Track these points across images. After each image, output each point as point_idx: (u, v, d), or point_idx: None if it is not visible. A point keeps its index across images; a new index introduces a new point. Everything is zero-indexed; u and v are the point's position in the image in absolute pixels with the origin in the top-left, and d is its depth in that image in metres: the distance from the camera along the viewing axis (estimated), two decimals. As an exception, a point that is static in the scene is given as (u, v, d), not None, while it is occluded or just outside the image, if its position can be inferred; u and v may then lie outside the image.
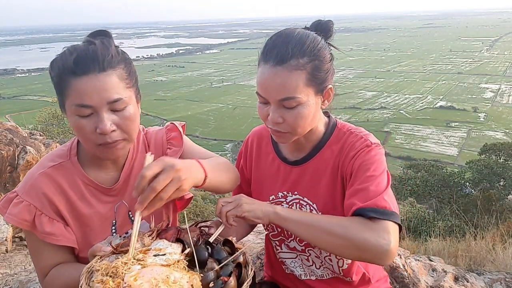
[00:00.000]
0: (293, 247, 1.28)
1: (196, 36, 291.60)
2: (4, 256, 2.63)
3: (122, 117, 1.02)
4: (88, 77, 0.97)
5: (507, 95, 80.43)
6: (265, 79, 1.05)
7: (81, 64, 0.97)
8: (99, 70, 0.98)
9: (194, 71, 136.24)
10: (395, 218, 1.00)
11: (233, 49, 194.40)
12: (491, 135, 57.17)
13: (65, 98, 1.00)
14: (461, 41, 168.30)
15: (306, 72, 1.03)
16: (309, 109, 1.06)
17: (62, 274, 1.09)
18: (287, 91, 1.02)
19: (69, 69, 0.97)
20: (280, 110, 1.05)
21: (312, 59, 1.04)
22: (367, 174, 1.07)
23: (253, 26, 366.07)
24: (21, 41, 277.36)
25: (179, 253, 0.94)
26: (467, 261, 2.86)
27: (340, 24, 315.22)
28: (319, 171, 1.19)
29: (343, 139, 1.17)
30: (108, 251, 0.94)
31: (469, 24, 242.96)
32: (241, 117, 75.48)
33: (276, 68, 1.02)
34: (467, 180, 10.46)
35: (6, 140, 3.63)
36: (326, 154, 1.18)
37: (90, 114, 0.99)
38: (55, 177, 1.09)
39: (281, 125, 1.07)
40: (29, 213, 1.06)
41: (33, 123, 11.60)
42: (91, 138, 1.01)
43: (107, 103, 0.99)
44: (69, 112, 1.01)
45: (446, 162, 40.99)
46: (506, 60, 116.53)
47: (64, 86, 0.99)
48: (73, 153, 1.14)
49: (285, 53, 1.02)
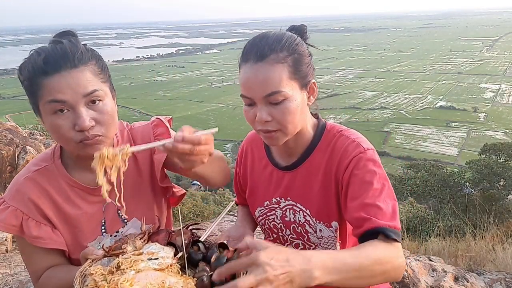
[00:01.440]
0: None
1: (196, 36, 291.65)
2: (4, 256, 2.64)
3: (100, 111, 1.00)
4: (60, 75, 0.95)
5: (507, 95, 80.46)
6: (247, 78, 1.03)
7: (51, 63, 0.95)
8: (71, 67, 0.96)
9: (194, 71, 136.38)
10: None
11: (233, 49, 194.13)
12: (491, 135, 57.17)
13: (38, 100, 0.98)
14: (461, 41, 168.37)
15: (288, 65, 1.03)
16: (296, 103, 1.04)
17: (54, 277, 1.09)
18: (271, 85, 1.01)
19: (39, 69, 0.95)
20: (267, 108, 1.04)
21: (291, 53, 1.04)
22: (374, 186, 1.03)
23: (253, 26, 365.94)
24: (21, 41, 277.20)
25: (172, 257, 0.94)
26: (467, 261, 2.86)
27: (340, 24, 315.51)
28: (310, 175, 1.17)
29: (333, 142, 1.15)
30: (100, 255, 0.94)
31: (469, 24, 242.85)
32: (241, 117, 75.00)
33: (257, 64, 1.02)
34: (467, 180, 10.45)
35: (6, 140, 3.63)
36: (317, 158, 1.16)
37: (66, 112, 0.97)
38: (40, 181, 1.09)
39: (269, 123, 1.05)
40: (16, 218, 1.06)
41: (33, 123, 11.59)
42: (69, 136, 0.98)
43: (83, 97, 0.97)
44: (43, 114, 0.99)
45: (446, 162, 40.99)
46: (506, 60, 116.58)
47: (36, 88, 0.96)
48: (56, 156, 1.13)
49: (263, 50, 1.03)
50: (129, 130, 1.24)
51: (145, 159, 1.23)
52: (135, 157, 1.21)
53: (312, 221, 1.18)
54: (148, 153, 1.23)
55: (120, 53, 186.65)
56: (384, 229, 0.97)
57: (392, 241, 0.97)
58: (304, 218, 1.19)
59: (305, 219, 1.19)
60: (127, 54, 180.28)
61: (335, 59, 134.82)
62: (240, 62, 1.08)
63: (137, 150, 0.96)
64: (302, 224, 1.20)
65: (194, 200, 11.02)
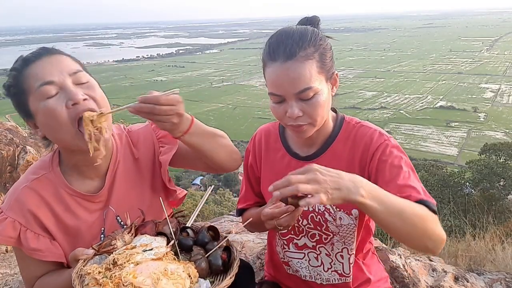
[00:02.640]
0: (302, 244, 1.26)
1: (196, 36, 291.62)
2: (4, 256, 2.64)
3: (89, 87, 1.02)
4: (41, 60, 0.99)
5: (507, 95, 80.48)
6: (278, 76, 1.05)
7: (32, 54, 1.01)
8: (50, 54, 1.02)
9: (194, 71, 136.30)
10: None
11: (233, 49, 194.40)
12: (491, 135, 57.21)
13: (28, 95, 0.99)
14: (461, 41, 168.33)
15: (316, 60, 1.05)
16: (324, 96, 1.07)
17: (47, 283, 1.09)
18: (303, 82, 1.03)
19: (22, 63, 1.00)
20: (298, 104, 1.06)
21: (317, 48, 1.07)
22: (403, 169, 1.08)
23: (253, 26, 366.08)
24: (21, 41, 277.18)
25: (165, 246, 0.95)
26: (467, 261, 2.86)
27: (340, 24, 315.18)
28: (332, 165, 1.14)
29: (354, 132, 1.19)
30: (91, 254, 0.93)
31: (469, 24, 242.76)
32: (241, 117, 75.52)
33: (287, 63, 1.03)
34: (467, 180, 10.47)
35: (6, 140, 3.63)
36: (338, 147, 1.19)
37: (56, 94, 0.97)
38: (39, 190, 1.07)
39: (300, 118, 1.07)
40: (14, 230, 1.04)
41: (33, 123, 11.61)
42: (65, 116, 0.97)
43: (69, 75, 0.99)
44: (35, 104, 0.99)
45: (446, 162, 40.98)
46: (506, 60, 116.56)
47: (22, 82, 0.99)
48: (55, 164, 1.11)
49: (292, 48, 1.04)
50: (127, 133, 1.23)
51: (148, 160, 1.22)
52: (134, 156, 1.21)
53: (332, 209, 1.18)
54: (152, 153, 1.22)
55: (120, 53, 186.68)
56: (425, 201, 1.02)
57: (433, 213, 1.01)
58: (324, 206, 1.19)
59: (324, 207, 1.19)
60: (127, 54, 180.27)
61: (335, 59, 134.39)
62: (266, 60, 1.09)
63: (115, 111, 1.03)
64: (322, 213, 1.19)
65: (194, 200, 11.02)
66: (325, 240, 1.23)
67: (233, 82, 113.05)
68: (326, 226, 1.20)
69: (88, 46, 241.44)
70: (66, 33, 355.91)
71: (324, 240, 1.23)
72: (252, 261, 2.17)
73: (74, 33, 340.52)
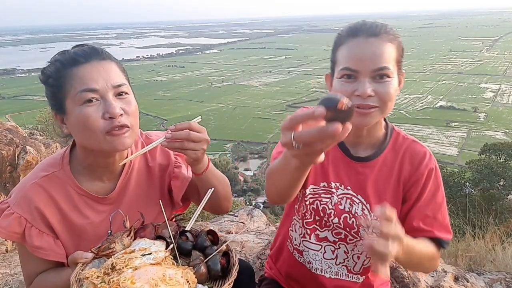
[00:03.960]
0: (323, 237, 1.25)
1: (196, 36, 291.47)
2: (4, 256, 2.63)
3: (127, 103, 1.03)
4: (91, 64, 0.99)
5: (507, 95, 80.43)
6: (359, 49, 1.04)
7: (82, 54, 1.00)
8: (100, 58, 1.01)
9: (194, 71, 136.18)
10: None
11: (233, 49, 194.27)
12: (491, 135, 57.16)
13: (66, 93, 0.99)
14: (461, 41, 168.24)
15: (395, 47, 1.07)
16: (395, 86, 1.06)
17: (45, 281, 1.09)
18: (383, 60, 1.03)
19: (69, 60, 0.99)
20: (371, 83, 1.04)
21: (396, 38, 1.08)
22: (437, 200, 1.15)
23: (253, 26, 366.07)
24: (21, 41, 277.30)
25: (164, 250, 0.94)
26: (467, 261, 2.86)
27: (340, 24, 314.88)
28: (382, 173, 1.19)
29: (405, 146, 1.19)
30: (90, 257, 0.93)
31: (469, 24, 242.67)
32: (241, 117, 75.46)
33: (371, 38, 1.04)
34: (467, 180, 10.47)
35: (6, 140, 3.63)
36: (389, 157, 1.18)
37: (95, 102, 0.98)
38: (47, 188, 1.07)
39: (371, 99, 1.04)
40: (20, 226, 1.05)
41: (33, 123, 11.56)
42: (98, 126, 0.98)
43: (113, 87, 1.00)
44: (72, 104, 0.99)
45: (446, 162, 41.00)
46: (506, 60, 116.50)
47: (65, 80, 0.98)
48: (65, 162, 1.11)
49: (376, 28, 1.06)
50: (144, 139, 1.23)
51: (161, 170, 1.23)
52: (148, 164, 1.21)
53: (369, 216, 1.17)
54: (166, 164, 1.23)
55: (120, 53, 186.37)
56: (441, 240, 1.13)
57: (441, 248, 1.15)
58: (362, 211, 1.18)
59: (362, 212, 1.18)
60: (127, 54, 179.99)
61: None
62: (345, 38, 1.09)
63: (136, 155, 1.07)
64: (358, 217, 1.18)
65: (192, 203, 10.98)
66: (349, 241, 1.22)
67: (233, 82, 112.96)
68: (357, 230, 1.19)
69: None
70: (66, 33, 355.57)
71: (349, 240, 1.22)
72: (252, 261, 2.17)
73: (74, 33, 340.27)
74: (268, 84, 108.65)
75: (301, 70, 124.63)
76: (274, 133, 60.90)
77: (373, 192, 1.18)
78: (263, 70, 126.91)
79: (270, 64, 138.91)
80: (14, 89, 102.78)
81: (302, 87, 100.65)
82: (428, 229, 1.11)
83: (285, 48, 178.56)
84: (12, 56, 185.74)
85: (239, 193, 34.79)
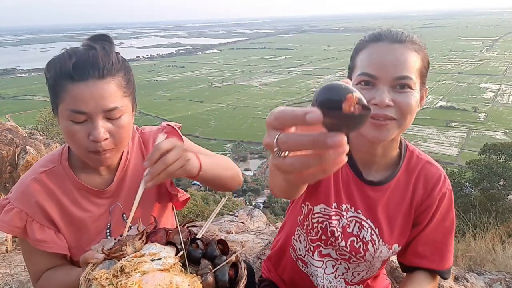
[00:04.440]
0: (326, 253, 1.21)
1: (196, 36, 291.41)
2: (4, 256, 2.63)
3: (116, 125, 1.01)
4: (86, 84, 0.95)
5: (507, 95, 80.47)
6: (381, 54, 0.96)
7: (80, 70, 0.94)
8: (98, 77, 0.96)
9: (194, 71, 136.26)
10: None
11: (233, 49, 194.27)
12: (491, 135, 57.20)
13: (59, 102, 0.98)
14: (461, 41, 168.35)
15: (420, 58, 0.99)
16: (416, 100, 0.98)
17: (54, 278, 1.10)
18: (405, 68, 0.95)
19: (66, 73, 0.95)
20: (390, 93, 0.95)
21: (422, 49, 1.00)
22: (446, 224, 1.12)
23: (253, 26, 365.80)
24: (21, 41, 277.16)
25: (173, 257, 0.94)
26: (467, 261, 2.86)
27: (340, 24, 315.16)
28: (395, 195, 1.12)
29: (419, 167, 1.12)
30: (101, 258, 0.93)
31: (469, 24, 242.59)
32: (241, 117, 75.50)
33: (395, 44, 0.96)
34: (467, 180, 10.46)
35: (6, 140, 3.63)
36: (402, 179, 1.12)
37: (84, 121, 0.98)
38: (47, 182, 1.09)
39: (389, 109, 0.96)
40: (21, 220, 1.06)
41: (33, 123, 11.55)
42: (83, 144, 1.00)
43: (103, 111, 0.98)
44: (61, 116, 1.00)
45: (446, 162, 41.06)
46: (506, 60, 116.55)
47: (60, 90, 0.97)
48: (64, 158, 1.13)
49: (401, 35, 0.98)
50: (140, 134, 1.24)
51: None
52: (144, 157, 1.21)
53: (377, 241, 1.13)
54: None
55: (120, 53, 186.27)
56: (442, 272, 1.12)
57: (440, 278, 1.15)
58: (370, 236, 1.13)
59: (371, 237, 1.13)
60: (127, 54, 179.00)
61: (335, 59, 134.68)
62: (367, 43, 1.01)
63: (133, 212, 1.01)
64: (366, 242, 1.13)
65: (194, 200, 11.00)
66: (353, 262, 1.18)
67: (233, 82, 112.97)
68: (364, 254, 1.14)
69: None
70: (66, 33, 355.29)
71: (352, 261, 1.18)
72: (252, 261, 2.17)
73: (74, 33, 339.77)
74: (268, 84, 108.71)
75: (301, 70, 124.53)
76: (274, 133, 60.65)
77: (384, 217, 1.12)
78: (263, 70, 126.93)
79: (270, 64, 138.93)
80: (14, 89, 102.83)
81: (302, 87, 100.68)
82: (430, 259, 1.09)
83: (285, 48, 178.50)
84: (12, 56, 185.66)
85: (239, 193, 34.76)
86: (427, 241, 1.10)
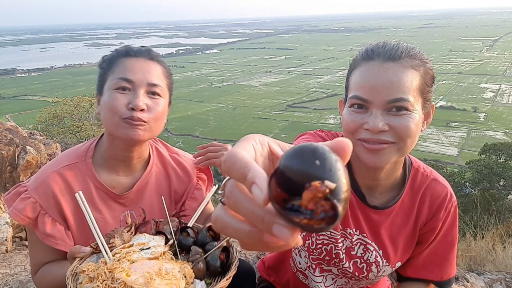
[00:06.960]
0: (327, 269, 1.19)
1: (196, 36, 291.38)
2: (4, 256, 2.63)
3: (155, 103, 1.09)
4: (137, 59, 1.11)
5: (507, 95, 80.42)
6: (372, 76, 0.88)
7: (135, 50, 1.12)
8: (149, 58, 1.13)
9: (194, 71, 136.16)
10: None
11: (233, 49, 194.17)
12: (491, 135, 57.19)
13: (109, 74, 1.09)
14: (461, 41, 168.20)
15: (420, 75, 0.90)
16: (416, 122, 0.89)
17: (49, 272, 1.10)
18: (400, 90, 0.86)
19: (123, 52, 1.12)
20: (384, 117, 0.88)
21: (423, 63, 0.92)
22: (450, 240, 1.10)
23: (253, 26, 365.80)
24: (21, 41, 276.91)
25: (163, 245, 0.94)
26: (467, 261, 2.86)
27: (340, 24, 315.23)
28: (400, 217, 1.09)
29: (425, 186, 1.07)
30: (88, 252, 0.93)
31: (469, 24, 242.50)
32: (241, 117, 75.48)
33: (388, 63, 0.88)
34: (467, 180, 10.48)
35: (6, 140, 3.63)
36: (406, 200, 1.07)
37: (128, 91, 1.07)
38: (67, 177, 1.10)
39: (384, 134, 0.89)
40: (33, 211, 1.06)
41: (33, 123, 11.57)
42: (119, 110, 1.05)
43: (147, 84, 1.08)
44: (107, 87, 1.08)
45: (446, 162, 40.97)
46: (506, 60, 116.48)
47: (112, 65, 1.10)
48: (89, 155, 1.15)
49: (396, 50, 0.89)
50: (171, 154, 1.29)
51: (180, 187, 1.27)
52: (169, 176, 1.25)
53: (381, 262, 1.11)
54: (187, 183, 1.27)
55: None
56: (441, 283, 1.13)
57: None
58: (375, 258, 1.11)
59: (375, 259, 1.11)
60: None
61: (335, 59, 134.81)
62: (359, 61, 0.94)
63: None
64: (370, 263, 1.12)
65: (194, 200, 10.98)
66: (354, 280, 1.17)
67: (233, 82, 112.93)
68: (367, 274, 1.13)
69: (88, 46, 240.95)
70: (66, 33, 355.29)
71: (353, 279, 1.16)
72: (252, 261, 2.17)
73: (74, 33, 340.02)
74: (268, 84, 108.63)
75: (301, 70, 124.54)
76: (274, 133, 60.82)
77: (387, 238, 1.10)
78: (263, 70, 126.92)
79: (270, 64, 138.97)
80: (14, 89, 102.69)
81: (302, 87, 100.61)
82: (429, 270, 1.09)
83: (285, 48, 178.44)
84: (12, 56, 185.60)
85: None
86: (428, 255, 1.10)
